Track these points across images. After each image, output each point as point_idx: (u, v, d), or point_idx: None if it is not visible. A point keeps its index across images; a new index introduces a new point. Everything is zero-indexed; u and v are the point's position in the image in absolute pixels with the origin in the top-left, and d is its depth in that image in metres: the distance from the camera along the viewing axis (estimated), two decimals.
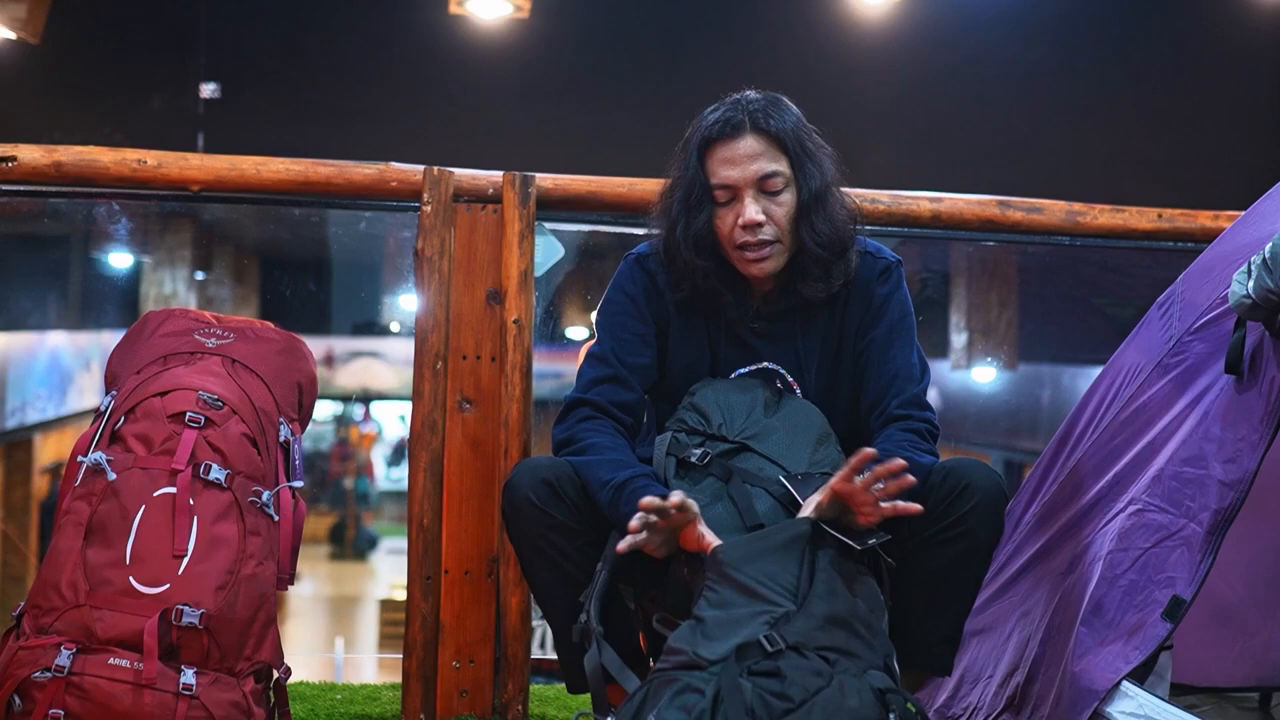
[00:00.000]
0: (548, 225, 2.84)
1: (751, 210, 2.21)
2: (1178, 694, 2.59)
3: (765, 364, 2.30)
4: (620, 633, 2.17)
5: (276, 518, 2.24)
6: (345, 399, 15.41)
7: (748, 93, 2.29)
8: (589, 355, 2.32)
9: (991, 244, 3.16)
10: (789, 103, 2.29)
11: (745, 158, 2.22)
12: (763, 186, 2.22)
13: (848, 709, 1.82)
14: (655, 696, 1.85)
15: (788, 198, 2.23)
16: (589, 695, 2.09)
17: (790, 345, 2.30)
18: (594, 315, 2.38)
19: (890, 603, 2.12)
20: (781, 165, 2.23)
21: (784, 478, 2.11)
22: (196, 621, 2.06)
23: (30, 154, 2.71)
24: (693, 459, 2.14)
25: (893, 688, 1.88)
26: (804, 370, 2.30)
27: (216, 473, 2.18)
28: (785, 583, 1.97)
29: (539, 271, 2.79)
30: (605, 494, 2.12)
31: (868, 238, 2.38)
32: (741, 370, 2.30)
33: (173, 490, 2.15)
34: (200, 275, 10.80)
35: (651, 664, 2.15)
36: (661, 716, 1.80)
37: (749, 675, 1.84)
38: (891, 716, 1.84)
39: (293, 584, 2.29)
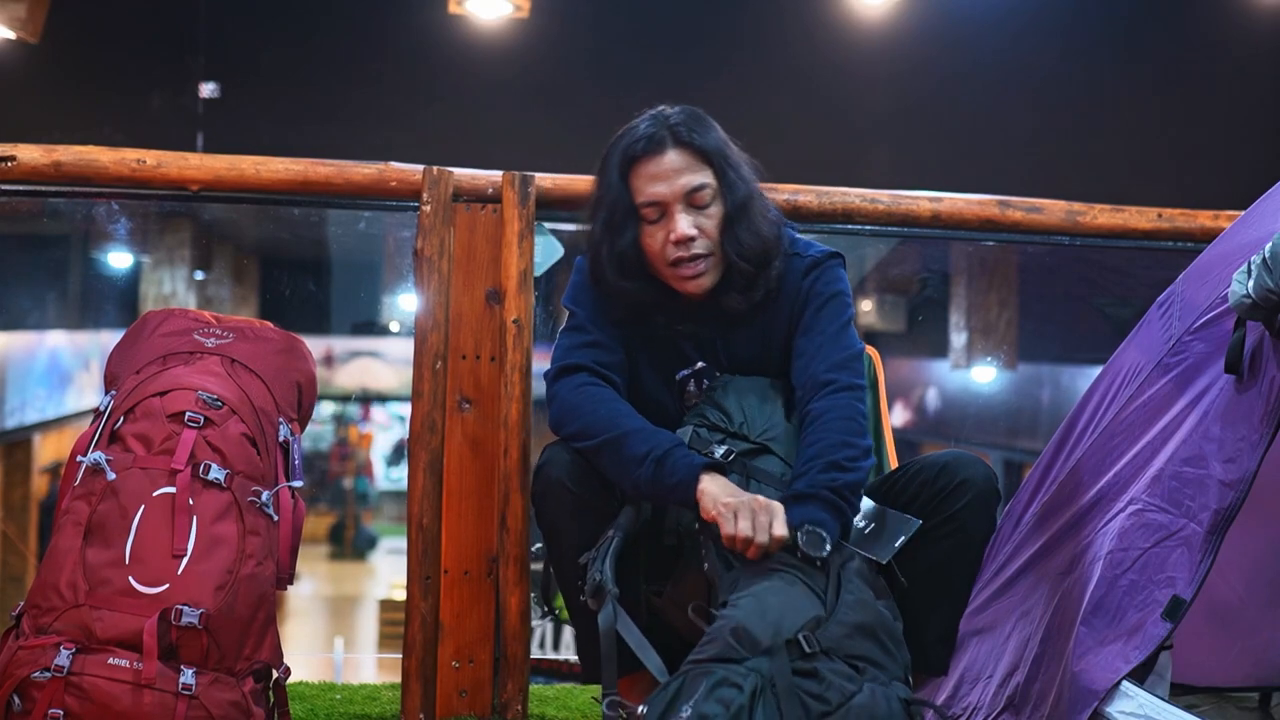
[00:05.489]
0: (547, 225, 2.84)
1: (683, 224, 2.20)
2: (1178, 694, 2.59)
3: (700, 365, 2.29)
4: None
5: (276, 517, 2.24)
6: (345, 399, 15.42)
7: (663, 108, 2.28)
8: (564, 329, 2.31)
9: (991, 244, 3.16)
10: (706, 115, 2.28)
11: (672, 172, 2.21)
12: (691, 200, 2.21)
13: (880, 717, 1.81)
14: (691, 688, 1.81)
15: (716, 210, 2.22)
16: (594, 696, 2.08)
17: (723, 348, 2.30)
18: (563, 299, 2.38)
19: None
20: (708, 177, 2.22)
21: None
22: (196, 621, 2.06)
23: (30, 154, 2.71)
24: (717, 455, 2.14)
25: (916, 699, 1.88)
26: (734, 372, 2.30)
27: (216, 472, 2.18)
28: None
29: (538, 271, 2.78)
30: (645, 469, 2.09)
31: (799, 234, 2.37)
32: (683, 372, 2.30)
33: (172, 490, 2.14)
34: (200, 275, 10.79)
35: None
36: (699, 708, 1.77)
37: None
38: None
39: (292, 584, 2.29)
